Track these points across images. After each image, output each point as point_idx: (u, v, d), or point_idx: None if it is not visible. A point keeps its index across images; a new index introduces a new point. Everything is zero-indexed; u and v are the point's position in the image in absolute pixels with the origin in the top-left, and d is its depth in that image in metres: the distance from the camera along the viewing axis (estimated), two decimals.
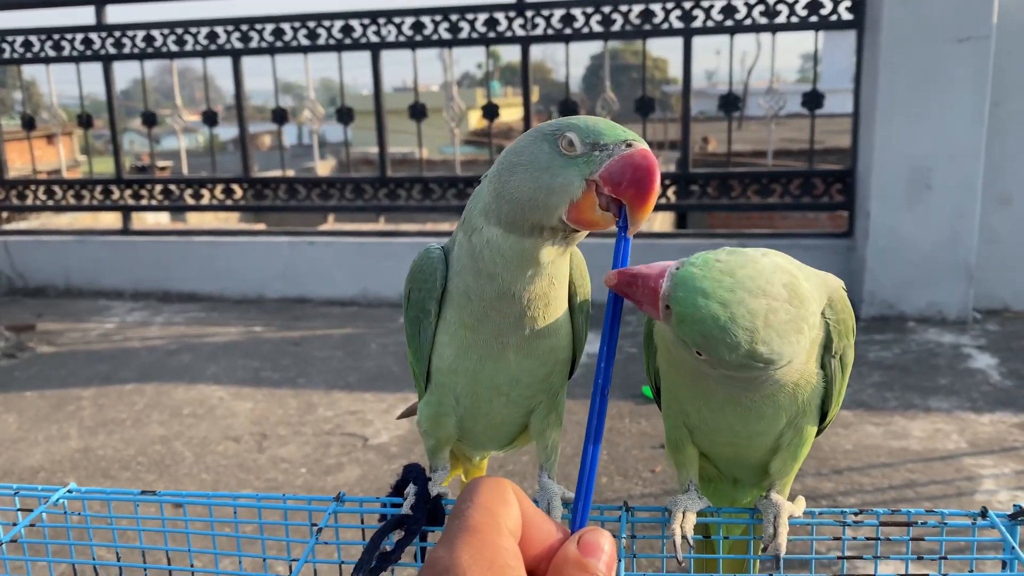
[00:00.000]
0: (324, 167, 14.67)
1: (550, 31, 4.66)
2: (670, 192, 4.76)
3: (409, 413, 1.16)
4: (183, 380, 3.88)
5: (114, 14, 5.22)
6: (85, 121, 5.43)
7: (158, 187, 5.35)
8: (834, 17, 4.34)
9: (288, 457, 3.10)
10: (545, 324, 0.93)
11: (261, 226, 7.18)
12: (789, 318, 0.77)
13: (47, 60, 5.25)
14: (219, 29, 5.00)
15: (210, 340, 4.46)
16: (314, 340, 4.40)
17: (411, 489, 0.95)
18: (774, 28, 4.43)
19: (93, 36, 5.16)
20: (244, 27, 4.96)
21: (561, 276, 0.92)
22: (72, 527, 0.94)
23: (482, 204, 0.89)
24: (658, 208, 4.90)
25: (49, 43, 5.22)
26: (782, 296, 0.77)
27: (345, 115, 5.07)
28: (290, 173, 6.30)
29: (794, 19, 4.38)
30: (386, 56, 4.96)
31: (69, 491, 0.96)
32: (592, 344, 1.11)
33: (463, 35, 4.74)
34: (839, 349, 0.90)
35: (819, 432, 0.97)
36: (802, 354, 0.81)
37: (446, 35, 4.76)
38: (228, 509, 0.98)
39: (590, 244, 1.02)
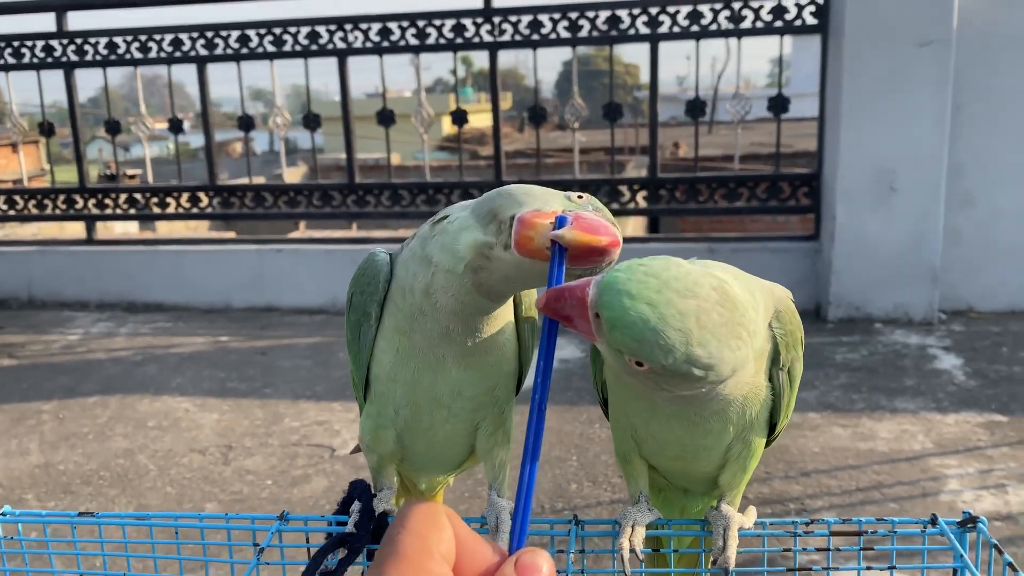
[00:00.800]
0: (295, 173, 14.57)
1: (518, 37, 4.65)
2: (640, 197, 4.77)
3: (358, 449, 1.14)
4: (148, 392, 3.82)
5: (76, 21, 5.16)
6: (47, 130, 5.34)
7: (123, 196, 5.27)
8: (799, 22, 4.38)
9: (254, 469, 3.06)
10: (487, 337, 0.91)
11: (231, 234, 7.11)
12: (723, 321, 0.75)
13: (7, 68, 5.16)
14: (184, 36, 4.94)
15: (176, 350, 4.40)
16: (281, 349, 4.35)
17: (356, 506, 0.93)
18: (740, 33, 4.46)
19: (54, 43, 5.09)
20: (209, 34, 4.91)
21: (484, 305, 0.90)
22: (7, 552, 0.91)
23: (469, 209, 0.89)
24: (628, 213, 4.90)
25: (9, 50, 5.14)
26: (712, 298, 0.76)
27: (312, 121, 5.03)
28: (260, 180, 6.24)
29: (759, 24, 4.41)
30: (357, 62, 4.93)
31: (3, 514, 0.92)
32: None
33: (431, 41, 4.73)
34: (786, 361, 0.89)
35: (768, 443, 0.96)
36: (747, 365, 0.79)
37: (413, 41, 4.74)
38: (172, 530, 0.95)
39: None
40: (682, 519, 1.01)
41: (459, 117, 4.99)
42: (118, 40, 5.01)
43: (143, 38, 4.98)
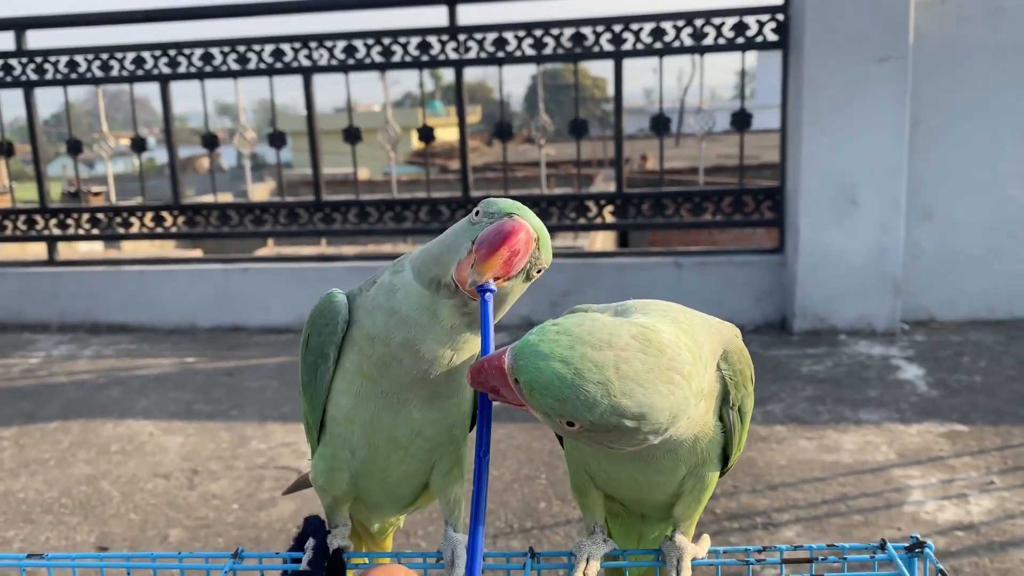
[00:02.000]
0: (263, 190, 14.49)
1: (483, 54, 4.67)
2: (607, 212, 4.80)
3: (296, 487, 1.13)
4: (111, 416, 3.76)
5: (35, 39, 5.09)
6: (5, 149, 5.26)
7: (85, 216, 5.20)
8: (760, 38, 4.44)
9: (220, 493, 3.02)
10: (453, 378, 0.92)
11: (198, 252, 7.04)
12: (647, 367, 0.75)
13: None
14: (146, 54, 4.90)
15: (140, 373, 4.34)
16: (248, 370, 4.31)
17: (310, 543, 0.92)
18: (702, 50, 4.51)
19: (13, 62, 5.02)
20: (172, 52, 4.87)
21: (468, 343, 0.91)
22: None
23: (413, 254, 0.94)
24: (595, 228, 4.92)
25: None
26: (632, 346, 0.75)
27: (277, 139, 5.00)
28: (227, 196, 6.19)
29: (721, 40, 4.47)
30: (326, 78, 4.92)
31: None
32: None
33: (396, 58, 4.73)
34: (736, 400, 0.90)
35: (722, 474, 0.97)
36: (687, 408, 0.79)
37: (379, 58, 4.74)
38: (123, 571, 0.93)
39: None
40: (638, 549, 1.01)
41: (426, 134, 4.99)
42: (79, 58, 4.96)
43: (105, 56, 4.93)
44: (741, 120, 4.61)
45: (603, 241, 9.38)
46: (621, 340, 0.75)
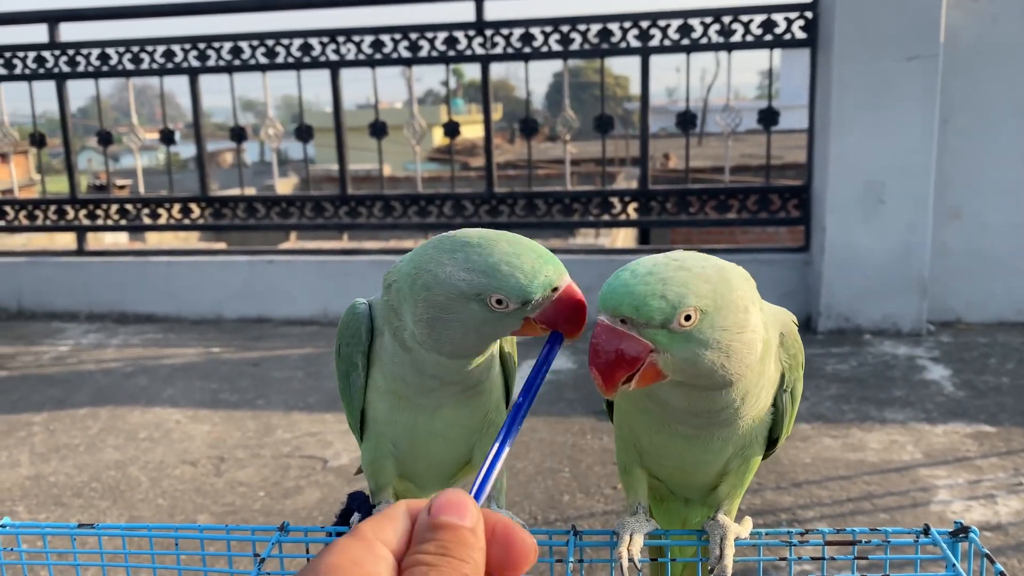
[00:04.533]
0: (286, 184, 14.57)
1: (509, 50, 4.68)
2: (631, 208, 4.80)
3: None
4: (139, 403, 3.81)
5: (68, 32, 5.16)
6: (38, 140, 5.33)
7: (114, 207, 5.26)
8: (788, 36, 4.42)
9: (246, 480, 3.05)
10: (481, 387, 0.96)
11: (221, 245, 7.10)
12: (704, 264, 0.85)
13: None
14: (176, 47, 4.95)
15: (167, 362, 4.39)
16: (273, 360, 4.35)
17: (355, 518, 0.94)
18: (730, 47, 4.50)
19: (46, 54, 5.08)
20: (201, 45, 4.92)
21: (495, 355, 0.96)
22: (6, 563, 0.91)
23: (410, 333, 0.91)
24: (619, 224, 4.92)
25: (0, 61, 5.13)
26: (677, 255, 0.87)
27: (304, 133, 5.04)
28: (251, 191, 6.25)
29: (749, 38, 4.45)
30: (349, 73, 4.96)
31: (2, 526, 0.93)
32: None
33: (423, 53, 4.75)
34: (790, 384, 0.92)
35: (766, 456, 0.98)
36: (758, 332, 0.84)
37: (406, 53, 4.76)
38: (171, 540, 0.95)
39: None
40: (681, 530, 1.02)
41: (451, 129, 5.01)
42: (110, 51, 5.02)
43: (135, 49, 4.98)
44: (768, 117, 4.59)
45: (624, 239, 9.37)
46: (668, 255, 0.87)
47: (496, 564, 0.50)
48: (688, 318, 0.81)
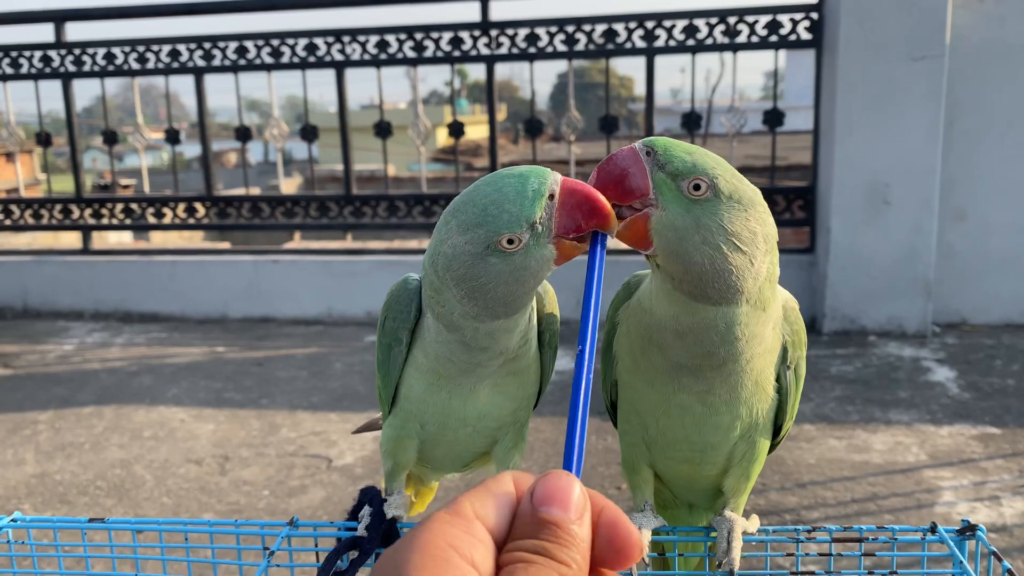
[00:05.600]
0: (291, 184, 14.59)
1: (514, 50, 4.68)
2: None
3: (365, 428, 1.16)
4: (143, 402, 3.82)
5: (74, 31, 5.17)
6: (44, 139, 5.35)
7: (119, 206, 5.28)
8: (793, 37, 4.42)
9: (251, 479, 3.05)
10: (518, 367, 0.95)
11: (226, 245, 7.11)
12: (737, 176, 0.87)
13: (4, 78, 5.17)
14: (181, 47, 4.96)
15: (172, 361, 4.40)
16: (278, 360, 4.35)
17: (366, 511, 0.94)
18: (735, 47, 4.50)
19: (52, 53, 5.10)
20: (207, 45, 4.93)
21: (532, 338, 0.95)
22: (17, 556, 0.92)
23: (461, 313, 0.89)
24: None
25: (7, 60, 5.14)
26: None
27: (309, 133, 5.05)
28: (255, 191, 6.26)
29: (754, 39, 4.45)
30: (353, 74, 4.96)
31: (14, 520, 0.93)
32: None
33: (428, 54, 4.76)
34: (793, 360, 0.92)
35: (772, 448, 0.97)
36: (774, 255, 0.87)
37: (411, 53, 4.77)
38: (181, 535, 0.96)
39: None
40: (688, 526, 1.02)
41: (456, 129, 5.01)
42: (116, 50, 5.03)
43: (141, 48, 5.00)
44: (773, 118, 4.59)
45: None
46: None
47: (598, 557, 0.46)
48: (698, 188, 0.82)
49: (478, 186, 0.85)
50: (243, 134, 5.18)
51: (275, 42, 4.87)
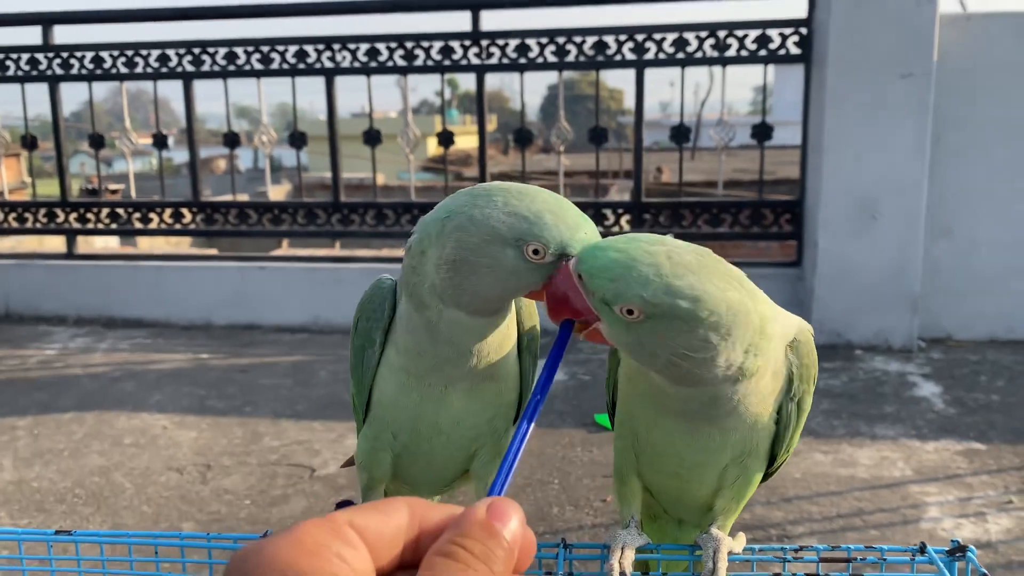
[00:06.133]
0: (280, 191, 14.54)
1: (505, 60, 4.68)
2: (623, 221, 4.79)
3: (352, 463, 1.14)
4: (125, 408, 3.78)
5: (62, 34, 5.13)
6: (29, 143, 5.30)
7: (104, 211, 5.23)
8: (783, 51, 4.43)
9: (232, 488, 3.02)
10: (494, 370, 0.93)
11: (213, 251, 7.07)
12: (701, 264, 0.79)
13: None
14: (170, 52, 4.93)
15: (155, 367, 4.36)
16: (262, 367, 4.32)
17: None
18: (724, 61, 4.51)
19: (39, 56, 5.06)
20: (196, 50, 4.90)
21: (510, 321, 0.93)
22: None
23: (430, 285, 0.88)
24: (611, 236, 4.92)
25: None
26: (685, 247, 0.81)
27: (297, 139, 5.02)
28: (244, 197, 6.22)
29: (744, 53, 4.47)
30: (343, 82, 4.95)
31: None
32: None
33: (418, 62, 4.75)
34: (798, 393, 0.90)
35: (766, 477, 0.96)
36: (750, 323, 0.80)
37: (401, 62, 4.76)
38: (151, 548, 0.93)
39: None
40: (673, 544, 1.00)
41: (446, 138, 5.00)
42: (104, 54, 4.99)
43: (129, 53, 4.96)
44: (762, 132, 4.60)
45: None
46: (676, 243, 0.81)
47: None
48: (630, 312, 0.79)
49: (540, 192, 0.86)
50: (231, 140, 5.15)
51: (265, 48, 4.85)
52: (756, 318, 0.80)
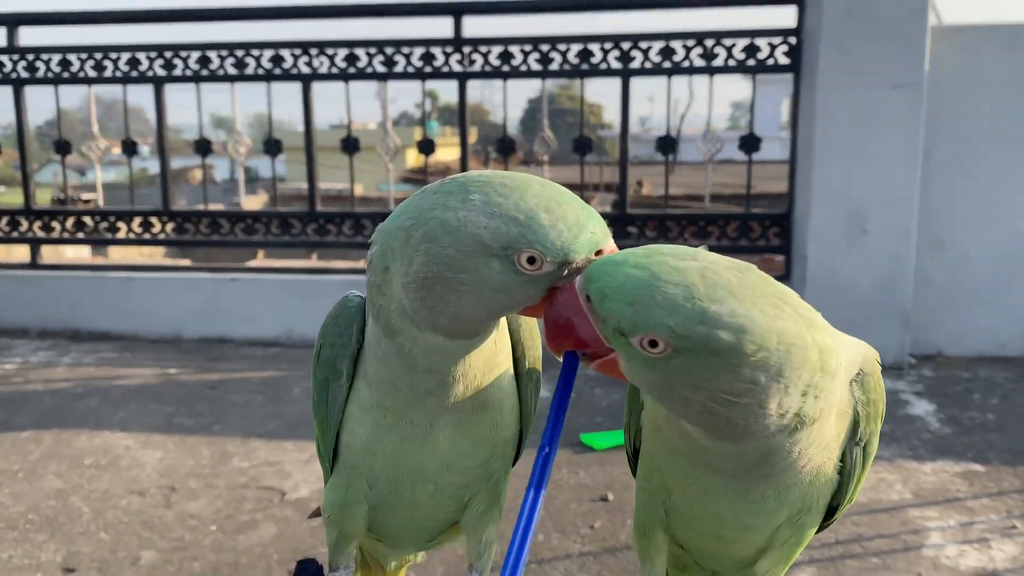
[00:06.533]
0: (256, 202, 14.32)
1: (487, 67, 4.56)
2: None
3: (318, 514, 0.97)
4: (87, 427, 3.59)
5: (28, 36, 4.95)
6: None
7: (71, 219, 5.04)
8: (771, 61, 4.35)
9: (197, 513, 2.85)
10: (486, 398, 0.77)
11: (186, 262, 6.87)
12: (744, 284, 0.63)
13: None
14: (141, 55, 4.77)
15: (121, 383, 4.17)
16: (233, 383, 4.14)
17: None
18: (712, 71, 4.42)
19: (4, 58, 4.87)
20: (168, 54, 4.74)
21: (503, 342, 0.77)
22: None
23: (399, 306, 0.73)
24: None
25: None
26: (722, 263, 0.64)
27: (272, 147, 4.87)
28: (220, 207, 6.05)
29: (731, 62, 4.38)
30: (321, 92, 4.80)
31: None
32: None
33: (398, 69, 4.61)
34: (864, 436, 0.76)
35: (821, 528, 0.82)
36: (808, 360, 0.64)
37: (381, 68, 4.62)
38: None
39: None
40: None
41: (426, 146, 4.87)
42: (72, 57, 4.82)
43: (98, 56, 4.79)
44: (749, 143, 4.51)
45: None
46: (711, 257, 0.64)
47: None
48: (653, 344, 0.63)
49: (530, 183, 0.68)
50: (203, 147, 4.98)
51: (239, 53, 4.69)
52: (815, 352, 0.65)
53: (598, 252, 0.67)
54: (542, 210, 0.65)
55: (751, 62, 4.36)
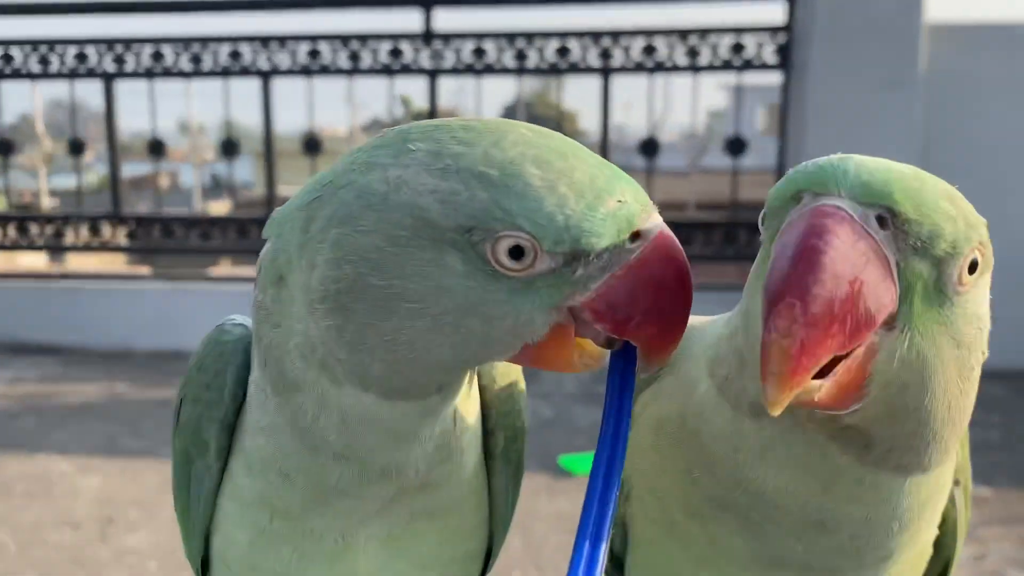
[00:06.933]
0: (222, 207, 13.97)
1: (459, 65, 4.33)
2: None
3: None
4: (21, 450, 3.30)
5: None
6: None
7: (11, 225, 4.72)
8: (759, 60, 4.16)
9: (136, 547, 2.57)
10: (438, 498, 0.49)
11: (145, 270, 6.56)
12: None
13: None
14: (90, 49, 4.49)
15: (62, 400, 3.87)
16: None
17: None
18: (696, 69, 4.22)
19: None
20: (119, 48, 4.46)
21: (469, 408, 0.49)
22: None
23: (301, 344, 0.46)
24: None
25: None
26: None
27: (230, 148, 4.60)
28: (183, 212, 5.76)
29: (717, 61, 4.19)
30: (287, 93, 4.55)
31: None
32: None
33: (365, 65, 4.37)
34: (962, 475, 0.56)
35: None
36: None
37: (346, 64, 4.38)
38: None
39: None
40: None
41: None
42: (15, 51, 4.53)
43: (43, 49, 4.50)
44: (736, 146, 4.32)
45: None
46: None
47: None
48: (973, 268, 0.48)
49: (511, 126, 0.43)
50: (156, 148, 4.70)
51: (195, 47, 4.42)
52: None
53: (634, 235, 0.40)
54: (530, 162, 0.40)
55: (737, 61, 4.17)
